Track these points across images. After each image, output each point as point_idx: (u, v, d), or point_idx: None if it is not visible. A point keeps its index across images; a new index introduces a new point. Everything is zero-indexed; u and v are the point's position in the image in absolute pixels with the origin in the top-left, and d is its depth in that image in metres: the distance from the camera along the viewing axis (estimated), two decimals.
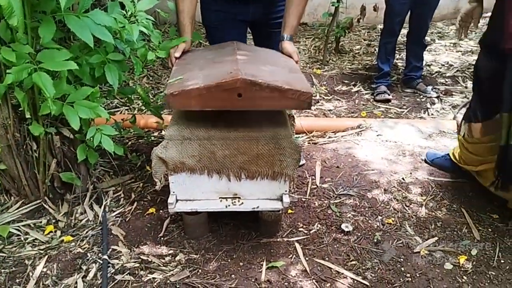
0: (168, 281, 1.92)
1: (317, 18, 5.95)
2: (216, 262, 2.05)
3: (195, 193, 2.02)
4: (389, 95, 3.82)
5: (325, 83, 4.22)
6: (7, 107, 2.11)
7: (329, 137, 3.16)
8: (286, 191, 2.02)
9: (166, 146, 1.91)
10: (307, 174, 2.70)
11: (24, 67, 1.84)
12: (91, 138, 2.11)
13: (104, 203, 2.40)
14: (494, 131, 2.11)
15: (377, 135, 3.11)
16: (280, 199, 2.03)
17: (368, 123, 3.24)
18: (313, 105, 3.78)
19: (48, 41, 1.85)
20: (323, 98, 3.94)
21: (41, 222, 2.29)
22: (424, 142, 3.03)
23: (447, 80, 4.24)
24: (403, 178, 2.64)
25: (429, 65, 4.61)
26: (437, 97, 3.85)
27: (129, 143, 3.06)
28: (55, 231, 2.25)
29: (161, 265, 2.02)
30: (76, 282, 1.91)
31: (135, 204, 2.44)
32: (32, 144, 2.23)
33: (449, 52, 4.99)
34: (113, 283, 1.91)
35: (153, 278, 1.95)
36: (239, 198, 2.04)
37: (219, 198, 2.04)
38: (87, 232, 2.23)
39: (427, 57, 4.83)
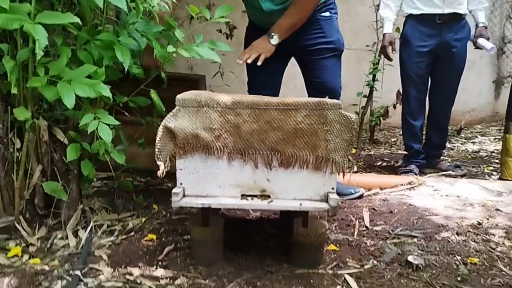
0: None
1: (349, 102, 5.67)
2: None
3: (210, 186, 1.50)
4: (416, 174, 3.06)
5: (362, 159, 3.78)
6: None
7: (376, 193, 2.61)
8: (333, 188, 1.49)
9: (176, 114, 1.47)
10: (353, 218, 2.13)
11: (17, 18, 1.54)
12: (86, 127, 1.69)
13: (92, 223, 1.86)
14: None
15: (434, 190, 2.56)
16: (325, 199, 1.49)
17: (420, 180, 2.72)
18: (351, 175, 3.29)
19: None
20: (362, 171, 3.46)
21: (7, 244, 1.75)
22: (495, 198, 2.45)
23: None
24: (478, 223, 2.03)
25: (476, 152, 4.17)
26: (463, 175, 3.13)
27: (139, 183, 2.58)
28: (22, 256, 1.69)
29: (153, 287, 1.41)
30: None
31: (132, 233, 1.89)
32: (16, 141, 1.81)
33: (496, 143, 4.57)
34: None
35: None
36: (268, 196, 1.50)
37: (242, 195, 1.51)
38: (62, 252, 1.66)
39: (472, 147, 4.43)
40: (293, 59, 2.42)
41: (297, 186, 1.49)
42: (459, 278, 1.53)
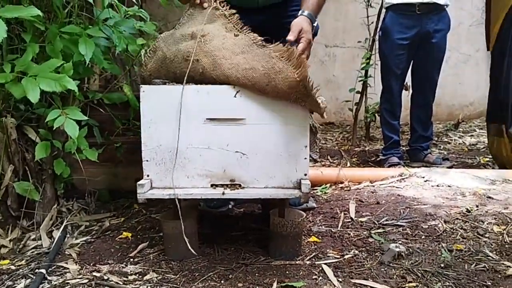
0: None
1: (344, 117, 5.67)
2: (202, 283, 1.36)
3: (178, 177, 1.44)
4: (403, 166, 2.97)
5: (356, 155, 3.71)
6: None
7: (365, 186, 2.54)
8: (305, 174, 1.43)
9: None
10: (339, 210, 2.06)
11: None
12: (52, 123, 1.64)
13: (65, 222, 1.81)
14: None
15: (425, 181, 2.49)
16: (298, 186, 1.43)
17: (411, 171, 2.65)
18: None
19: None
20: (355, 167, 3.39)
21: None
22: (487, 186, 2.37)
23: None
24: (468, 210, 1.96)
25: (474, 145, 4.09)
26: (450, 167, 2.98)
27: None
28: None
29: (120, 283, 1.35)
30: None
31: (108, 232, 1.84)
32: None
33: None
34: None
35: None
36: (239, 185, 1.45)
37: (211, 185, 1.45)
38: (31, 252, 1.61)
39: (469, 140, 4.35)
40: None
41: (268, 174, 1.43)
42: (442, 265, 1.46)
